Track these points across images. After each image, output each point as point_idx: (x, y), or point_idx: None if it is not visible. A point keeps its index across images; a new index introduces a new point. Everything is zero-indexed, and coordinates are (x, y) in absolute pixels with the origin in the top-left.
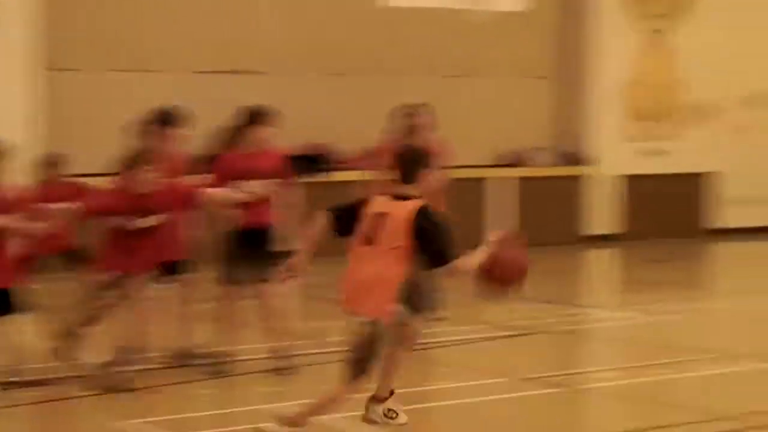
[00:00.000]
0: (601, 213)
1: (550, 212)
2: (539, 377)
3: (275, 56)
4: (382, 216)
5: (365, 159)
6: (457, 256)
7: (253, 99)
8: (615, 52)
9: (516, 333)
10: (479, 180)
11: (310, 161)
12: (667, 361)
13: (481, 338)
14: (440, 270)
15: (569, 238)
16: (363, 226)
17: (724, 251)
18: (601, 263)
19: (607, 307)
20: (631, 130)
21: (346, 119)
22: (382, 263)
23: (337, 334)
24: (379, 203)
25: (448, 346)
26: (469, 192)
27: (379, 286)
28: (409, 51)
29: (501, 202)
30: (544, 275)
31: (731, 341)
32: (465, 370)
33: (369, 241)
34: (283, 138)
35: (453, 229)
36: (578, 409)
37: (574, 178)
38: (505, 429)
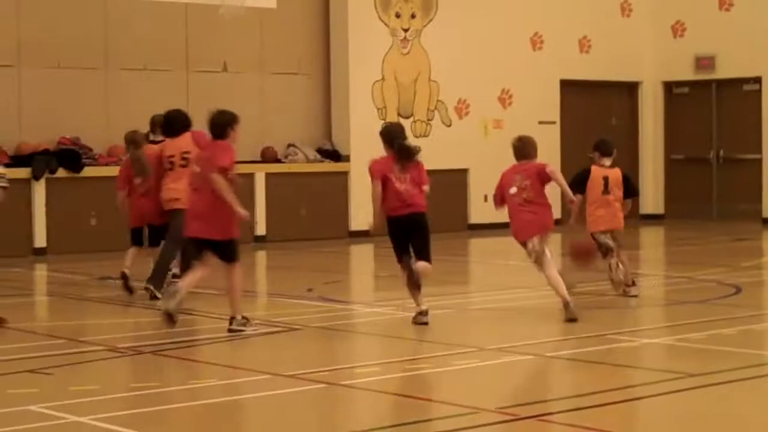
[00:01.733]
0: (360, 210)
1: (316, 208)
2: (303, 374)
3: (18, 49)
4: (606, 177)
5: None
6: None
7: None
8: (366, 50)
9: (278, 329)
10: (246, 175)
11: (66, 157)
12: (425, 355)
13: (243, 335)
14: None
15: (339, 233)
16: (596, 185)
17: (482, 246)
18: (363, 259)
19: (367, 302)
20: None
21: (95, 114)
22: (616, 204)
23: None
24: (600, 170)
25: (210, 343)
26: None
27: (618, 212)
28: (166, 46)
29: (269, 197)
30: (311, 272)
31: (485, 336)
32: (228, 368)
33: (606, 192)
34: (31, 133)
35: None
36: (342, 405)
37: (336, 174)
38: (269, 427)
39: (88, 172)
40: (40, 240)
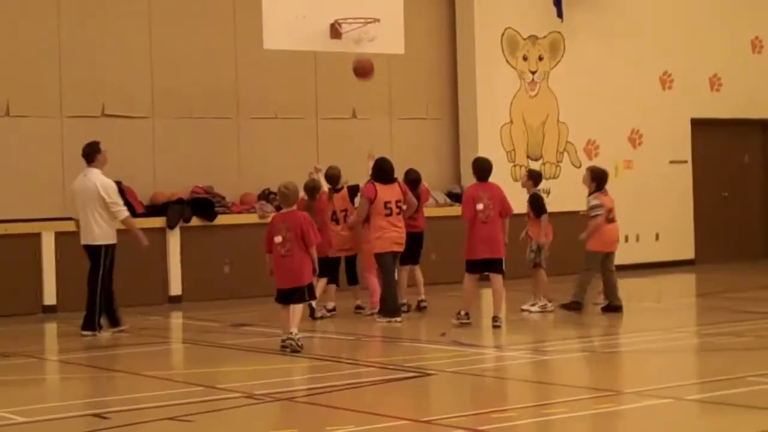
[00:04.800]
0: None
1: (447, 252)
2: (439, 419)
3: (152, 100)
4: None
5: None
6: None
7: (130, 143)
8: (494, 93)
9: (412, 374)
10: None
11: (199, 205)
12: (561, 399)
13: (377, 381)
14: None
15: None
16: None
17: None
18: (486, 302)
19: (500, 346)
20: (513, 170)
21: (227, 163)
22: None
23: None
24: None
25: (346, 389)
26: None
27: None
28: (296, 94)
29: None
30: (442, 316)
31: (621, 378)
32: (364, 414)
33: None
34: (165, 183)
35: None
36: None
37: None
38: None
39: (222, 220)
40: (175, 288)
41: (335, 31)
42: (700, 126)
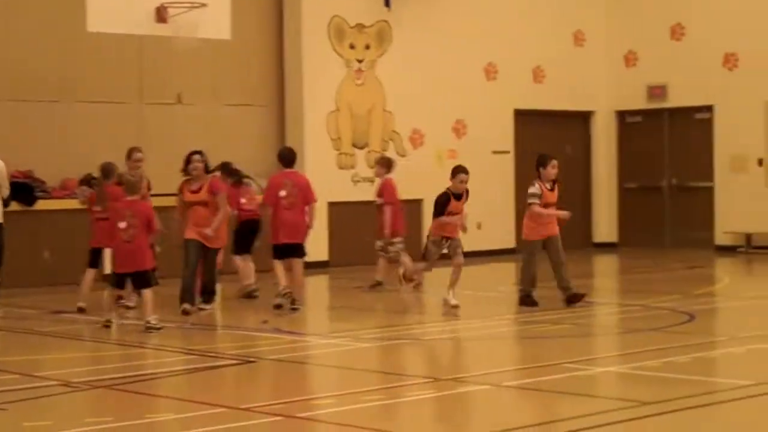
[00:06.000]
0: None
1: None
2: (258, 406)
3: None
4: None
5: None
6: None
7: None
8: (321, 81)
9: (233, 362)
10: None
11: (18, 190)
12: (380, 386)
13: (198, 368)
14: None
15: None
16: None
17: (429, 276)
18: (317, 290)
19: (320, 333)
20: (338, 158)
21: (48, 147)
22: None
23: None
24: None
25: (165, 377)
26: None
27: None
28: (116, 78)
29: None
30: (265, 304)
31: (441, 366)
32: (183, 401)
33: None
34: None
35: None
36: None
37: None
38: None
39: (42, 205)
40: None
41: (161, 15)
42: (523, 117)
